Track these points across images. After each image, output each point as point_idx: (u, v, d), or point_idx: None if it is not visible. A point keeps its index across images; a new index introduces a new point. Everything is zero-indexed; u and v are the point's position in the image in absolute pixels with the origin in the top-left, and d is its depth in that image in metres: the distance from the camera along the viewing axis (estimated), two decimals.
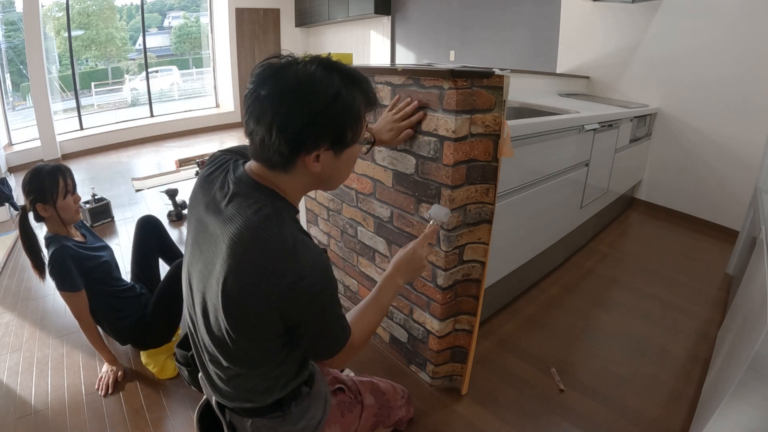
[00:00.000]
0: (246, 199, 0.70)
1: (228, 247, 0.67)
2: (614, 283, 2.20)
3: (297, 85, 0.65)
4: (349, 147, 0.73)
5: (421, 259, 0.95)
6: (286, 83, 0.65)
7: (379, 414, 1.08)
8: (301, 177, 0.73)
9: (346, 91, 0.67)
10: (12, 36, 5.66)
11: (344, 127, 0.69)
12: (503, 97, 1.13)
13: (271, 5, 6.74)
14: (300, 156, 0.68)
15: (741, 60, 2.59)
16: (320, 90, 0.65)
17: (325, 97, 0.65)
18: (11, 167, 4.38)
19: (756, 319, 0.99)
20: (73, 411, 1.36)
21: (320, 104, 0.65)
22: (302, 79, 0.65)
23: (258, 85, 0.66)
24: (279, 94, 0.64)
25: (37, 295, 2.08)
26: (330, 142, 0.69)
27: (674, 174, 3.10)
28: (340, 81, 0.67)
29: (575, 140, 1.96)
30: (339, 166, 0.74)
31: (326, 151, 0.69)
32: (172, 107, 7.10)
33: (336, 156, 0.72)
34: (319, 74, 0.66)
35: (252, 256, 0.66)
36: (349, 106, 0.68)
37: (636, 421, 1.32)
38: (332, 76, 0.66)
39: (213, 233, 0.72)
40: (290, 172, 0.71)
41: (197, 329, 0.79)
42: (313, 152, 0.68)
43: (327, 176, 0.74)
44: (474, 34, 4.56)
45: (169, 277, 1.54)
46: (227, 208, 0.71)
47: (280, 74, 0.66)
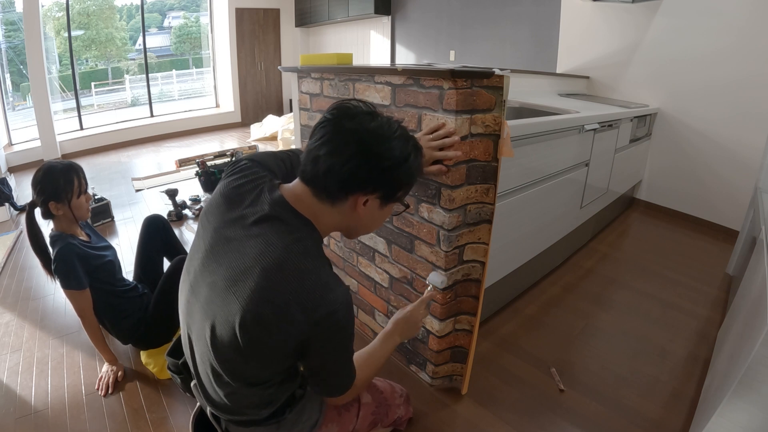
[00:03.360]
0: (285, 225, 0.72)
1: (263, 270, 0.67)
2: (614, 283, 2.20)
3: (383, 135, 0.72)
4: (393, 203, 0.80)
5: (417, 322, 1.05)
6: (375, 127, 0.72)
7: (377, 412, 1.08)
8: (341, 214, 0.76)
9: (413, 158, 0.76)
10: (12, 36, 5.66)
11: (400, 186, 0.77)
12: (503, 97, 1.13)
13: (271, 5, 6.75)
14: (355, 195, 0.73)
15: (741, 60, 2.59)
16: (399, 148, 0.73)
17: (401, 156, 0.73)
18: (11, 167, 4.38)
19: (756, 319, 0.99)
20: (73, 411, 1.36)
21: (396, 159, 0.72)
22: (386, 131, 0.72)
23: (341, 118, 0.71)
24: (367, 134, 0.71)
25: (37, 295, 2.08)
26: (384, 193, 0.75)
27: (674, 174, 3.10)
28: (413, 148, 0.76)
29: (575, 140, 1.96)
30: (377, 216, 0.80)
31: (376, 199, 0.75)
32: (172, 107, 7.11)
33: (380, 206, 0.78)
34: (399, 134, 0.74)
35: (289, 284, 0.67)
36: (412, 171, 0.77)
37: (636, 420, 1.32)
38: (409, 140, 0.76)
39: (239, 249, 0.70)
40: (336, 206, 0.74)
41: (197, 340, 0.78)
42: (367, 195, 0.74)
43: (363, 222, 0.80)
44: (474, 33, 4.56)
45: (169, 274, 1.54)
46: (260, 228, 0.71)
47: (365, 118, 0.72)
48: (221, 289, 0.70)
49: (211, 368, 0.76)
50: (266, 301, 0.67)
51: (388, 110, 1.29)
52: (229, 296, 0.69)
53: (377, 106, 1.31)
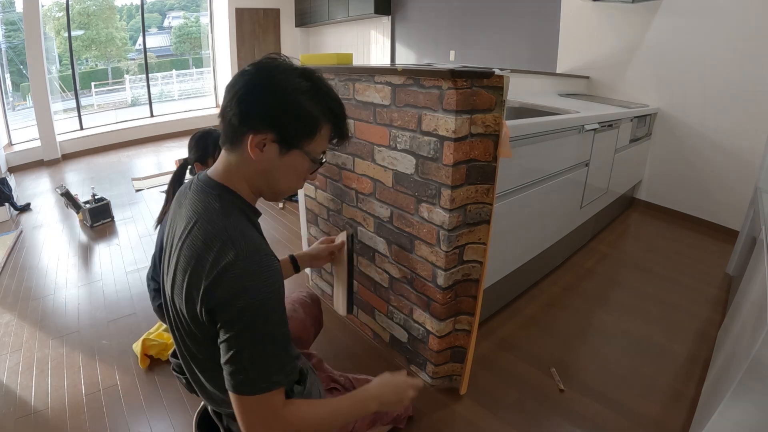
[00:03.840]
0: (199, 194, 0.73)
1: (181, 242, 0.69)
2: (614, 283, 2.20)
3: (274, 69, 0.69)
4: (294, 150, 0.72)
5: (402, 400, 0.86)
6: (270, 67, 0.70)
7: (376, 411, 1.07)
8: (245, 165, 0.72)
9: (310, 95, 0.70)
10: (12, 36, 5.66)
11: (294, 124, 0.70)
12: (503, 97, 1.13)
13: (271, 5, 6.74)
14: (247, 135, 0.69)
15: (741, 60, 2.59)
16: (290, 80, 0.69)
17: (291, 87, 0.69)
18: (11, 167, 4.38)
19: (756, 319, 0.99)
20: (73, 411, 1.36)
21: (283, 90, 0.68)
22: (280, 67, 0.70)
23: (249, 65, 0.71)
24: (257, 73, 0.69)
25: (37, 295, 2.08)
26: (277, 133, 0.69)
27: (674, 174, 3.10)
28: (310, 86, 0.70)
29: (575, 140, 1.96)
30: (279, 166, 0.73)
31: (272, 143, 0.70)
32: (172, 107, 7.11)
33: (280, 155, 0.71)
34: (297, 71, 0.70)
35: (195, 248, 0.67)
36: (307, 107, 0.70)
37: (636, 420, 1.32)
38: (306, 79, 0.70)
39: (173, 232, 0.75)
40: (236, 151, 0.72)
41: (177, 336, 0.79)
42: (259, 134, 0.69)
43: (265, 170, 0.73)
44: (474, 34, 4.56)
45: None
46: (185, 207, 0.74)
47: (271, 63, 0.71)
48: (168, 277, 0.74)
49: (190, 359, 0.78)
50: (177, 271, 0.69)
51: (388, 110, 1.29)
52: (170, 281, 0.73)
53: (377, 106, 1.32)
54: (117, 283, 2.17)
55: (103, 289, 2.11)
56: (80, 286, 2.16)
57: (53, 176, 4.29)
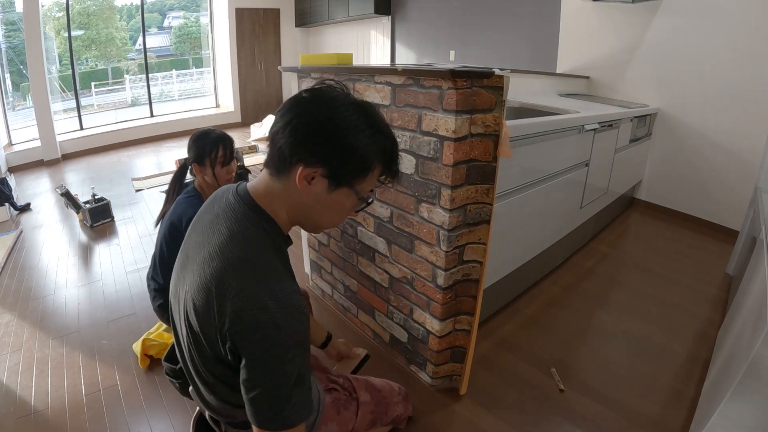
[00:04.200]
0: (236, 212, 0.70)
1: (211, 261, 0.67)
2: (614, 283, 2.20)
3: (331, 102, 0.67)
4: (343, 187, 0.70)
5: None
6: (323, 96, 0.68)
7: (376, 411, 1.08)
8: (290, 194, 0.70)
9: (367, 134, 0.67)
10: (12, 36, 5.66)
11: (349, 164, 0.68)
12: (503, 97, 1.13)
13: (271, 5, 6.75)
14: (296, 166, 0.67)
15: (741, 60, 2.59)
16: (347, 118, 0.66)
17: (348, 125, 0.66)
18: (11, 167, 4.38)
19: (756, 319, 0.99)
20: (73, 411, 1.36)
21: (340, 128, 0.66)
22: (338, 100, 0.67)
23: (300, 93, 0.69)
24: (314, 104, 0.67)
25: (37, 295, 2.08)
26: (329, 169, 0.67)
27: (674, 174, 3.10)
28: (367, 123, 0.68)
29: (575, 140, 1.96)
30: (325, 202, 0.71)
31: (321, 177, 0.67)
32: (172, 107, 7.11)
33: (328, 190, 0.69)
34: (354, 106, 0.68)
35: (224, 271, 0.64)
36: (362, 147, 0.67)
37: (636, 420, 1.32)
38: (365, 115, 0.68)
39: (201, 243, 0.71)
40: (282, 181, 0.69)
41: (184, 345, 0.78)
42: (310, 168, 0.66)
43: (310, 205, 0.71)
44: (474, 34, 4.56)
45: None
46: (220, 218, 0.71)
47: (328, 93, 0.69)
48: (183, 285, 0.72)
49: (196, 372, 0.76)
50: (200, 288, 0.66)
51: (388, 110, 1.29)
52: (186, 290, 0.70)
53: (377, 106, 1.32)
54: (117, 283, 2.17)
55: (103, 289, 2.11)
56: (80, 286, 2.16)
57: (53, 176, 4.29)
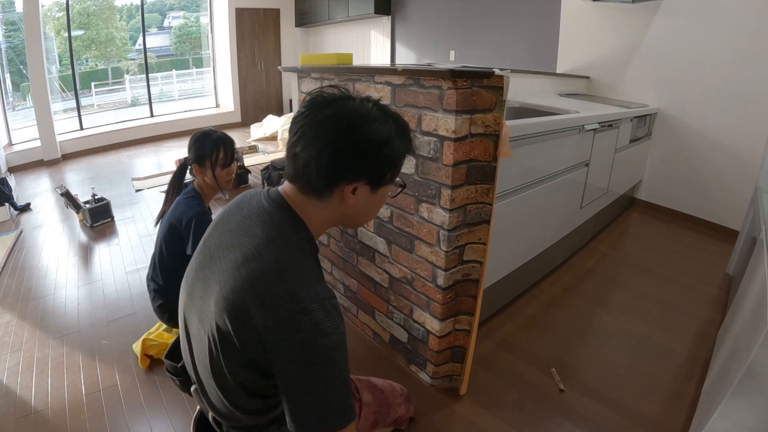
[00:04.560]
0: (272, 216, 0.70)
1: (239, 264, 0.66)
2: (614, 283, 2.20)
3: (357, 118, 0.67)
4: (385, 186, 0.75)
5: None
6: (345, 113, 0.68)
7: (378, 412, 1.08)
8: (332, 208, 0.72)
9: (397, 138, 0.71)
10: (12, 36, 5.67)
11: (387, 168, 0.72)
12: (503, 97, 1.13)
13: (271, 5, 6.75)
14: (340, 185, 0.69)
15: (741, 60, 2.59)
16: (377, 130, 0.68)
17: (381, 137, 0.68)
18: (11, 167, 4.38)
19: (756, 319, 0.99)
20: (73, 411, 1.36)
21: (375, 142, 0.68)
22: (361, 114, 0.68)
23: (314, 109, 0.68)
24: (337, 121, 0.67)
25: (37, 295, 2.08)
26: (371, 178, 0.71)
27: (674, 174, 3.10)
28: (394, 127, 0.71)
29: (575, 140, 1.96)
30: (371, 202, 0.75)
31: (364, 185, 0.71)
32: (172, 107, 7.11)
33: (372, 192, 0.73)
34: (376, 114, 0.69)
35: (259, 277, 0.64)
36: (396, 150, 0.72)
37: (636, 420, 1.32)
38: (388, 120, 0.70)
39: (229, 250, 0.70)
40: (324, 200, 0.71)
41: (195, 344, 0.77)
42: (353, 183, 0.69)
43: (357, 211, 0.75)
44: (474, 34, 4.56)
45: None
46: (253, 220, 0.71)
47: (339, 104, 0.69)
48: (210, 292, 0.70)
49: (209, 373, 0.74)
50: (237, 291, 0.64)
51: None
52: (209, 292, 0.69)
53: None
54: (117, 283, 2.17)
55: (103, 289, 2.11)
56: (80, 286, 2.16)
57: (53, 176, 4.29)
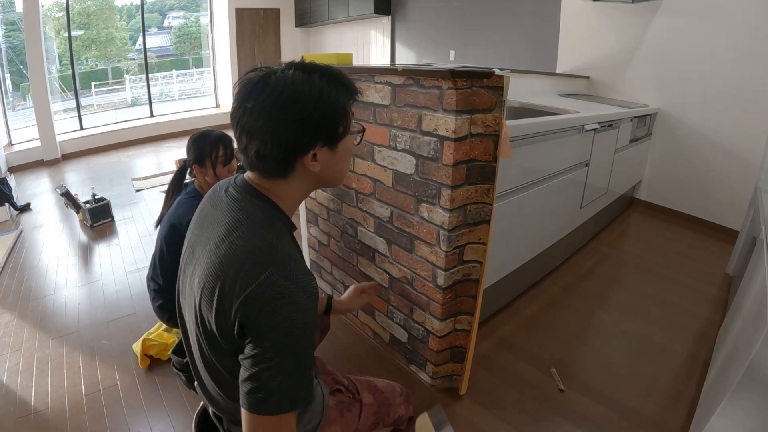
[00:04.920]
0: (240, 202, 0.71)
1: (217, 250, 0.67)
2: (614, 283, 2.20)
3: (281, 93, 0.66)
4: (343, 140, 0.73)
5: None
6: (270, 93, 0.66)
7: (378, 413, 1.08)
8: (300, 180, 0.73)
9: (328, 88, 0.68)
10: (12, 36, 5.66)
11: (335, 122, 0.70)
12: (503, 97, 1.13)
13: (271, 5, 6.75)
14: (298, 160, 0.69)
15: (741, 60, 2.59)
16: (304, 92, 0.66)
17: (310, 99, 0.67)
18: (11, 167, 4.38)
19: (756, 319, 0.99)
20: (73, 411, 1.36)
21: (308, 107, 0.66)
22: (285, 86, 0.66)
23: (243, 100, 0.67)
24: (265, 105, 0.65)
25: (37, 295, 2.08)
26: (324, 139, 0.70)
27: (674, 174, 3.10)
28: (320, 79, 0.68)
29: (575, 140, 1.96)
30: (337, 160, 0.74)
31: (322, 148, 0.70)
32: (172, 107, 7.11)
33: (332, 151, 0.72)
34: (298, 78, 0.67)
35: (236, 260, 0.64)
36: (335, 102, 0.69)
37: (636, 420, 1.32)
38: (311, 76, 0.68)
39: (207, 236, 0.72)
40: (289, 178, 0.71)
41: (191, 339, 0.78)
42: (309, 152, 0.69)
43: (327, 173, 0.74)
44: (474, 34, 4.56)
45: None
46: (221, 212, 0.72)
47: (262, 86, 0.66)
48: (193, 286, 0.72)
49: (203, 367, 0.76)
50: (209, 277, 0.66)
51: (388, 110, 1.29)
52: (194, 284, 0.71)
53: (377, 106, 1.32)
54: (117, 283, 2.17)
55: (103, 289, 2.11)
56: (80, 286, 2.16)
57: (53, 176, 4.29)
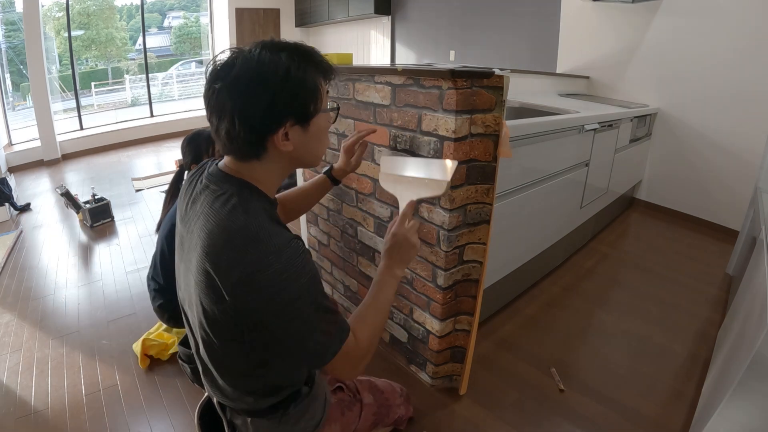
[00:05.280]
0: (214, 192, 0.71)
1: (200, 241, 0.68)
2: (614, 283, 2.20)
3: (247, 72, 0.66)
4: (314, 117, 0.73)
5: (407, 240, 0.89)
6: (237, 72, 0.66)
7: (378, 413, 1.08)
8: (275, 161, 0.73)
9: (295, 66, 0.68)
10: (12, 36, 5.67)
11: (303, 100, 0.70)
12: (503, 97, 1.13)
13: (271, 5, 6.75)
14: (269, 139, 0.69)
15: (741, 60, 2.59)
16: (270, 71, 0.66)
17: (276, 77, 0.66)
18: (11, 167, 4.38)
19: (756, 319, 0.99)
20: (73, 411, 1.36)
21: (273, 84, 0.66)
22: (251, 65, 0.66)
23: (211, 81, 0.67)
24: (232, 84, 0.66)
25: (37, 295, 2.08)
26: (294, 117, 0.70)
27: (674, 174, 3.10)
28: (287, 58, 0.67)
29: (575, 140, 1.96)
30: (310, 139, 0.74)
31: (292, 126, 0.70)
32: (172, 107, 7.11)
33: (304, 130, 0.72)
34: (265, 57, 0.67)
35: (217, 248, 0.65)
36: (303, 79, 0.69)
37: (636, 420, 1.32)
38: (278, 55, 0.67)
39: (190, 229, 0.73)
40: (263, 158, 0.72)
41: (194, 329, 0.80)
42: (279, 131, 0.69)
43: (302, 152, 0.74)
44: (474, 34, 4.56)
45: None
46: (199, 203, 0.72)
47: (230, 66, 0.67)
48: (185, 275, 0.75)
49: (207, 357, 0.78)
50: (200, 270, 0.67)
51: (389, 110, 1.29)
52: (189, 278, 0.72)
53: (377, 106, 1.32)
54: (117, 283, 2.17)
55: (103, 289, 2.11)
56: (80, 286, 2.16)
57: (53, 176, 4.29)
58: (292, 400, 0.85)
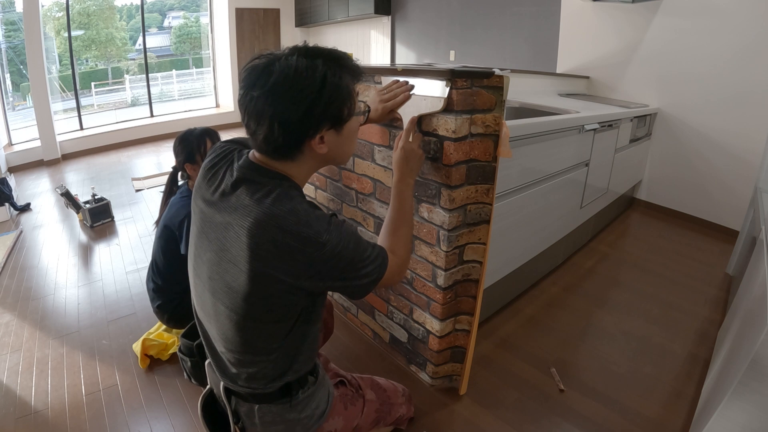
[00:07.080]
0: (253, 184, 0.73)
1: (248, 232, 0.69)
2: (614, 283, 2.20)
3: (285, 79, 0.68)
4: (348, 121, 0.77)
5: (413, 151, 1.01)
6: (274, 79, 0.68)
7: (380, 410, 1.08)
8: (308, 161, 0.77)
9: (331, 73, 0.70)
10: (12, 36, 5.67)
11: (339, 105, 0.73)
12: (503, 97, 1.13)
13: (271, 5, 6.75)
14: (305, 143, 0.73)
15: (741, 60, 2.59)
16: (308, 78, 0.69)
17: (315, 84, 0.69)
18: (11, 167, 4.38)
19: (756, 319, 0.99)
20: (73, 411, 1.36)
21: (312, 92, 0.69)
22: (289, 72, 0.68)
23: (249, 88, 0.70)
24: (271, 91, 0.68)
25: (37, 295, 2.08)
26: (330, 122, 0.73)
27: (674, 174, 3.10)
28: (323, 65, 0.70)
29: (575, 140, 1.96)
30: (343, 141, 0.78)
31: (328, 131, 0.74)
32: (172, 107, 7.11)
33: (338, 133, 0.76)
34: (302, 64, 0.69)
35: (272, 236, 0.69)
36: (338, 85, 0.72)
37: (636, 420, 1.32)
38: (315, 62, 0.70)
39: (221, 221, 0.74)
40: (297, 159, 0.75)
41: (208, 317, 0.81)
42: (316, 136, 0.73)
43: (335, 154, 0.79)
44: (474, 34, 4.56)
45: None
46: (234, 195, 0.74)
47: (267, 72, 0.69)
48: (216, 263, 0.75)
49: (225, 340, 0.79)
50: (258, 260, 0.70)
51: None
52: (227, 267, 0.73)
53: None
54: (117, 283, 2.17)
55: (103, 289, 2.11)
56: (80, 286, 2.16)
57: (53, 176, 4.29)
58: (300, 387, 0.86)
